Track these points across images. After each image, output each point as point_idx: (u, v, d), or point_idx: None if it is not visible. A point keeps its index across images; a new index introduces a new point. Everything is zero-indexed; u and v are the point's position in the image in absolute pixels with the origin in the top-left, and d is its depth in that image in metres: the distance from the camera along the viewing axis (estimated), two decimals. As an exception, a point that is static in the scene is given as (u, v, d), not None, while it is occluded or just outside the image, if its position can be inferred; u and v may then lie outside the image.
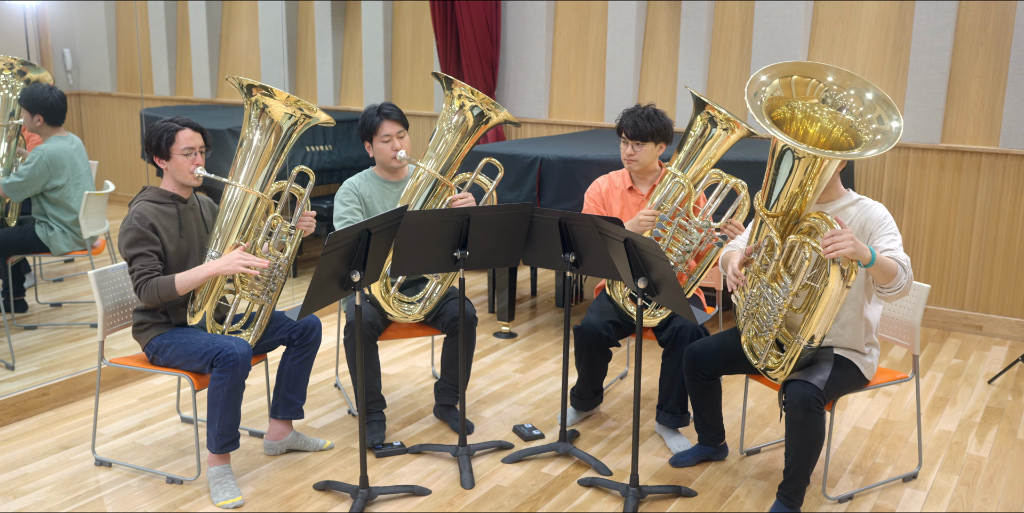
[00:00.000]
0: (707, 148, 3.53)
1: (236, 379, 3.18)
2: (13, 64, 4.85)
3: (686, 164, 3.56)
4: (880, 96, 2.91)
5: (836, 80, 2.96)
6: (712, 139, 3.52)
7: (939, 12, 4.97)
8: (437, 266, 3.40)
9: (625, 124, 3.66)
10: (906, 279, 2.88)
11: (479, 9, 6.05)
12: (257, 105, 3.26)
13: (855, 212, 3.05)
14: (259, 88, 3.24)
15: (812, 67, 2.99)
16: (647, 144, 3.66)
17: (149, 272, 3.19)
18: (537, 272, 5.99)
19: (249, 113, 3.29)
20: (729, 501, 3.27)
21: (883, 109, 2.89)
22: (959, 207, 5.12)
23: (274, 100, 3.25)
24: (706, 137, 3.53)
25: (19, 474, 3.43)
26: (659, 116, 3.65)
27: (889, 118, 2.87)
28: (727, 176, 3.50)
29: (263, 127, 3.28)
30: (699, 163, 3.55)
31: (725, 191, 3.51)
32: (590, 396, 3.87)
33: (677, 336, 3.59)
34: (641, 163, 3.70)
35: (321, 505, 3.22)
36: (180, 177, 3.31)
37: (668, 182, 3.56)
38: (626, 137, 3.67)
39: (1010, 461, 3.61)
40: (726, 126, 3.49)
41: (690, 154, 3.55)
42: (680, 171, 3.54)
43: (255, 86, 3.24)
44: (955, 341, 5.05)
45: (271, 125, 3.28)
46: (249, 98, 3.27)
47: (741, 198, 3.50)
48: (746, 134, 3.52)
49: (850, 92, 2.94)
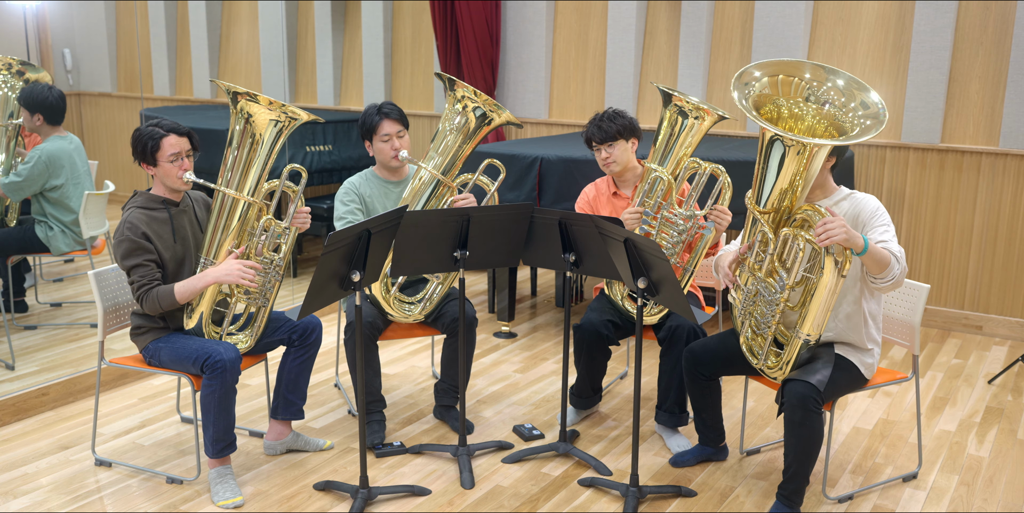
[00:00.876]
0: (681, 139, 3.55)
1: (226, 385, 3.18)
2: (12, 64, 4.85)
3: (663, 158, 3.57)
4: (849, 79, 2.96)
5: (813, 76, 2.99)
6: (685, 129, 3.54)
7: (939, 12, 4.97)
8: (437, 266, 3.40)
9: (591, 132, 3.73)
10: (899, 270, 2.88)
11: (479, 9, 6.05)
12: (243, 113, 3.22)
13: (848, 206, 3.06)
14: (244, 94, 3.19)
15: (793, 65, 3.02)
16: (617, 143, 3.70)
17: (148, 282, 3.18)
18: (537, 272, 5.99)
19: (235, 119, 3.25)
20: (729, 501, 3.27)
21: (859, 91, 2.93)
22: (959, 207, 5.12)
23: (259, 106, 3.20)
24: (678, 128, 3.54)
25: (19, 474, 3.43)
26: (620, 114, 3.73)
27: (868, 97, 2.92)
28: (704, 163, 3.52)
29: (250, 133, 3.23)
30: (675, 155, 3.56)
31: (704, 178, 3.52)
32: (589, 395, 3.87)
33: (674, 335, 3.59)
34: (620, 163, 3.73)
35: (321, 505, 3.22)
36: (169, 183, 3.28)
37: (648, 178, 3.58)
38: (596, 143, 3.73)
39: (1010, 461, 3.61)
40: (696, 114, 3.51)
41: (666, 148, 3.57)
42: (658, 165, 3.56)
43: (240, 93, 3.20)
44: (955, 341, 5.05)
45: (258, 131, 3.22)
46: (235, 105, 3.24)
47: (721, 182, 3.50)
48: (717, 119, 3.54)
49: (827, 85, 2.97)
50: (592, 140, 3.73)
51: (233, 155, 3.25)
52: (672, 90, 3.55)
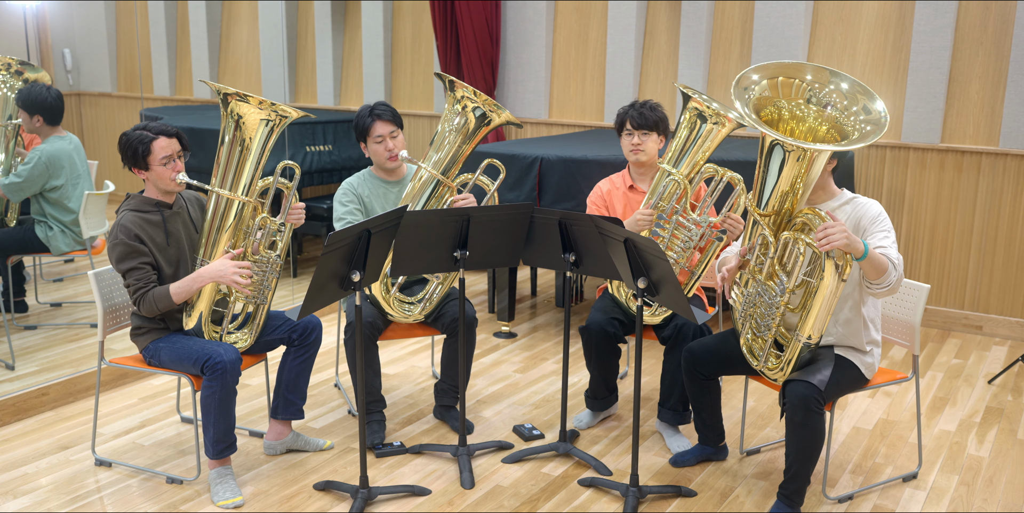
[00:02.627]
0: (699, 143, 3.53)
1: (226, 387, 3.18)
2: (11, 64, 4.84)
3: (679, 160, 3.56)
4: (854, 83, 2.94)
5: (816, 78, 2.98)
6: (703, 134, 3.53)
7: (939, 12, 4.97)
8: (437, 266, 3.40)
9: (630, 115, 3.70)
10: (896, 277, 2.88)
11: (479, 9, 6.05)
12: (233, 114, 3.21)
13: (850, 210, 3.06)
14: (233, 95, 3.18)
15: (794, 67, 3.01)
16: (652, 134, 3.70)
17: (144, 285, 3.18)
18: (537, 272, 5.99)
19: (226, 120, 3.24)
20: (729, 501, 3.27)
21: (863, 96, 2.91)
22: (959, 207, 5.12)
23: (249, 106, 3.19)
24: (696, 132, 3.53)
25: (19, 474, 3.43)
26: (659, 107, 3.74)
27: (872, 103, 2.90)
28: (722, 170, 3.50)
29: (241, 132, 3.22)
30: (692, 158, 3.55)
31: (721, 185, 3.52)
32: (605, 395, 3.86)
33: (679, 334, 3.59)
34: (648, 153, 3.72)
35: (321, 505, 3.22)
36: (162, 185, 3.26)
37: (662, 179, 3.57)
38: (631, 127, 3.70)
39: (1010, 461, 3.61)
40: (715, 120, 3.50)
41: (682, 150, 3.56)
42: (673, 168, 3.55)
43: (229, 93, 3.19)
44: (955, 341, 5.05)
45: (249, 130, 3.21)
46: (225, 106, 3.22)
47: (737, 191, 3.49)
48: (735, 127, 3.53)
49: (830, 88, 2.96)
50: (629, 124, 3.70)
51: (226, 155, 3.24)
52: (693, 91, 3.53)
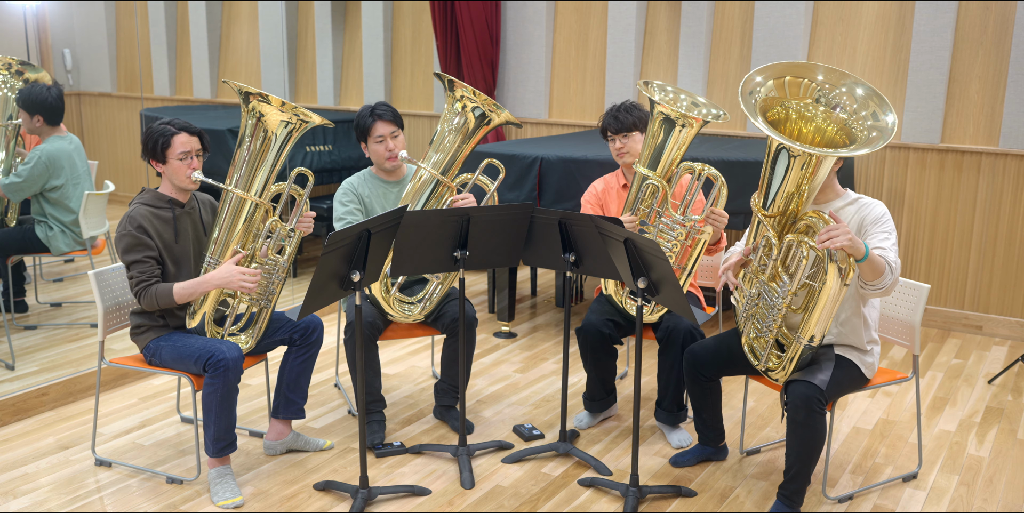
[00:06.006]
0: (670, 144, 3.53)
1: (228, 384, 3.18)
2: (11, 64, 4.84)
3: (653, 162, 3.56)
4: (871, 91, 2.92)
5: (827, 79, 2.97)
6: (672, 135, 3.52)
7: (939, 12, 4.97)
8: (437, 266, 3.40)
9: (607, 122, 3.75)
10: (891, 280, 2.88)
11: (479, 9, 6.05)
12: (254, 113, 3.23)
13: (853, 211, 3.06)
14: (256, 95, 3.21)
15: (803, 67, 3.00)
16: (633, 134, 3.72)
17: (147, 279, 3.19)
18: (537, 272, 5.99)
19: (246, 120, 3.27)
20: (729, 501, 3.27)
21: (876, 104, 2.90)
22: (959, 207, 5.12)
23: (270, 107, 3.22)
24: (667, 134, 3.53)
25: (19, 474, 3.43)
26: (636, 107, 3.76)
27: (883, 113, 2.88)
28: (698, 166, 3.50)
29: (260, 133, 3.24)
30: (665, 159, 3.54)
31: (701, 181, 3.51)
32: (603, 396, 3.86)
33: (671, 335, 3.59)
34: (633, 154, 3.74)
35: (321, 505, 3.22)
36: (177, 181, 3.29)
37: (639, 183, 3.57)
38: (612, 134, 3.75)
39: (1010, 461, 3.61)
40: (683, 122, 3.49)
41: (654, 151, 3.56)
42: (649, 170, 3.55)
43: (252, 93, 3.21)
44: (955, 341, 5.05)
45: (268, 132, 3.24)
46: (246, 105, 3.25)
47: (717, 186, 3.49)
48: (703, 125, 3.53)
49: (842, 89, 2.95)
50: (608, 130, 3.75)
51: (243, 155, 3.26)
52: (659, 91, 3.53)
